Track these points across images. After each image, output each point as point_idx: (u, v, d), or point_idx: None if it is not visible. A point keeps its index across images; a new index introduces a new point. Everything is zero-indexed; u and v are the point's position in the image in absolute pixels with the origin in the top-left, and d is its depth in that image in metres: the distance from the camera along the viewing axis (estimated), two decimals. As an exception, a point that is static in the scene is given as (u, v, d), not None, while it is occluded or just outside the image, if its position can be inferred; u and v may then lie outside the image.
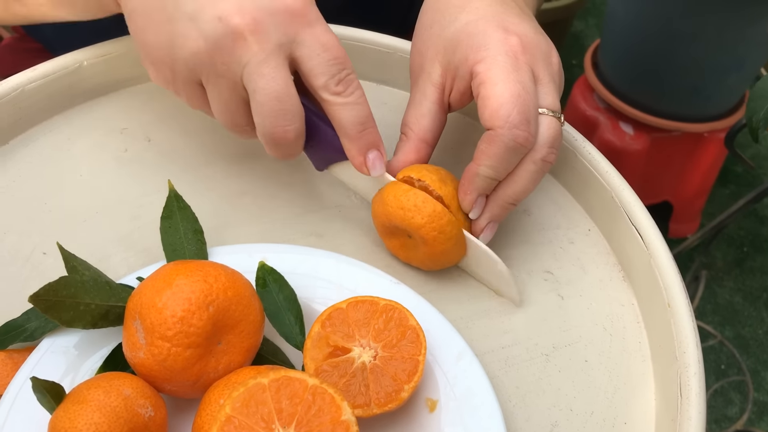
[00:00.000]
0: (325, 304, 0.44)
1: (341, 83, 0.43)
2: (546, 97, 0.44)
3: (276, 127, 0.43)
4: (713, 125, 1.32)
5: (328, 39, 0.43)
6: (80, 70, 0.53)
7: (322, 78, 0.43)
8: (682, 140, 1.35)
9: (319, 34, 0.43)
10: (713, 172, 1.41)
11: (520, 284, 0.49)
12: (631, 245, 0.48)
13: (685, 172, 1.41)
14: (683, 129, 1.32)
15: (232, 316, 0.38)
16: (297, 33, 0.42)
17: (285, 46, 0.42)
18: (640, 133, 1.33)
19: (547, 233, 0.51)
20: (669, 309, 0.44)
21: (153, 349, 0.37)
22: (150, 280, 0.38)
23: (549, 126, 0.43)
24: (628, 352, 0.46)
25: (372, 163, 0.45)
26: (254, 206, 0.51)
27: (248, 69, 0.41)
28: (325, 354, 0.40)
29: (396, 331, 0.41)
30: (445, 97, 0.47)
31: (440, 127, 0.47)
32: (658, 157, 1.37)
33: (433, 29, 0.47)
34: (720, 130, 1.33)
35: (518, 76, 0.42)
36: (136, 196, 0.51)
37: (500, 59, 0.42)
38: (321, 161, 0.49)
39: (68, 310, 0.39)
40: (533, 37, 0.44)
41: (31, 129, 0.54)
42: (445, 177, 0.46)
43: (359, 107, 0.44)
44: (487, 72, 0.42)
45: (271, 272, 0.44)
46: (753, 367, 1.34)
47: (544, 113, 0.43)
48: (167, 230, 0.45)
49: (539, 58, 0.44)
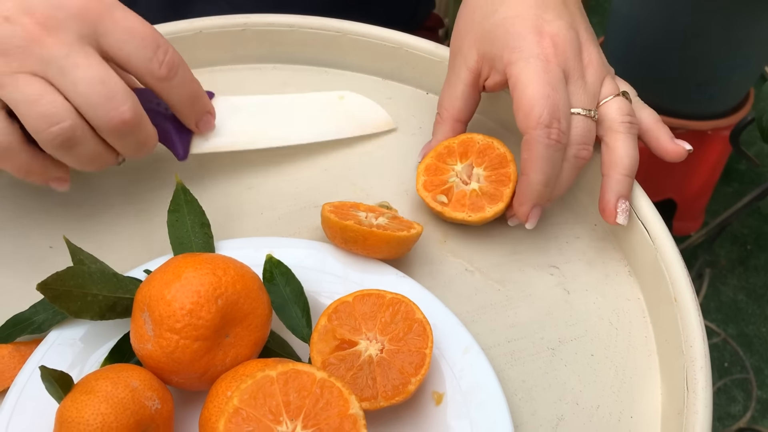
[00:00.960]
0: (331, 298, 0.44)
1: (163, 66, 0.43)
2: (575, 96, 0.46)
3: (110, 112, 0.40)
4: (717, 123, 1.32)
5: (132, 22, 0.42)
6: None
7: (140, 64, 0.42)
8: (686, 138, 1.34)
9: (119, 19, 0.41)
10: (717, 169, 1.41)
11: (526, 279, 0.49)
12: (638, 240, 0.48)
13: (689, 169, 1.41)
14: (687, 127, 1.31)
15: (240, 309, 0.38)
16: (96, 23, 0.40)
17: (88, 38, 0.40)
18: (644, 130, 1.33)
19: (553, 228, 0.51)
20: (675, 303, 0.44)
21: (161, 341, 0.37)
22: (159, 272, 0.39)
23: (578, 124, 0.45)
24: (634, 347, 0.46)
25: (205, 124, 0.49)
26: (260, 200, 0.52)
27: (55, 65, 0.39)
28: (332, 347, 0.40)
29: (403, 324, 0.41)
30: (480, 81, 0.50)
31: (473, 107, 0.51)
32: (662, 155, 1.37)
33: (475, 14, 0.49)
34: (724, 128, 1.33)
35: (549, 78, 0.44)
36: (142, 190, 0.51)
37: (532, 62, 0.44)
38: (180, 150, 0.49)
39: (76, 300, 0.39)
40: (565, 35, 0.46)
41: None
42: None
43: (188, 85, 0.45)
44: (519, 75, 0.44)
45: (278, 265, 0.44)
46: (756, 364, 1.34)
47: (574, 113, 0.45)
48: (174, 223, 0.45)
49: (570, 56, 0.46)
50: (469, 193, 0.48)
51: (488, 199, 0.48)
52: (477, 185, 0.48)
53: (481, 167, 0.49)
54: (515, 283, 0.48)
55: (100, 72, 0.40)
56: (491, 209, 0.47)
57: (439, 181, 0.49)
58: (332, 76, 0.61)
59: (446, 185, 0.49)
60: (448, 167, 0.49)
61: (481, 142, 0.49)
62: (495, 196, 0.48)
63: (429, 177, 0.49)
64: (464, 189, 0.48)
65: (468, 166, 0.49)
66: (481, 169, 0.49)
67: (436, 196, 0.48)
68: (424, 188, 0.49)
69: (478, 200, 0.48)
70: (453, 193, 0.48)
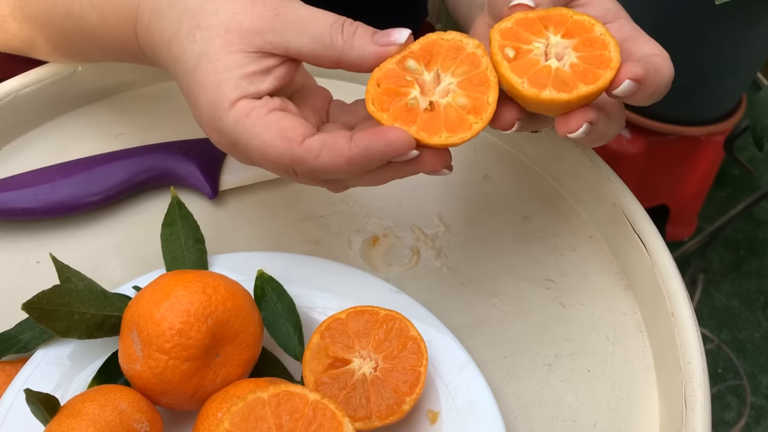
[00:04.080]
0: (324, 313, 0.44)
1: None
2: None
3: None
4: (710, 129, 1.32)
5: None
6: (74, 75, 0.52)
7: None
8: (679, 144, 1.35)
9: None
10: (710, 175, 1.41)
11: (521, 292, 0.48)
12: (634, 253, 0.47)
13: (682, 175, 1.40)
14: (680, 132, 1.31)
15: (231, 328, 0.37)
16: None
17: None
18: (636, 136, 1.33)
19: (548, 241, 0.51)
20: (673, 318, 0.43)
21: (150, 361, 0.36)
22: (148, 290, 0.38)
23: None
24: (631, 362, 0.46)
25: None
26: (251, 213, 0.51)
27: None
28: (325, 365, 0.39)
29: (397, 341, 0.40)
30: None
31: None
32: (655, 161, 1.37)
33: None
34: (717, 134, 1.33)
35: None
36: (132, 203, 0.50)
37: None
38: (209, 189, 0.50)
39: (62, 319, 0.38)
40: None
41: (24, 135, 0.53)
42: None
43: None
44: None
45: (269, 281, 0.43)
46: (750, 370, 1.34)
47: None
48: (168, 237, 0.44)
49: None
50: (543, 66, 0.36)
51: (556, 83, 0.36)
52: (557, 65, 0.37)
53: (577, 54, 0.37)
54: (511, 297, 0.48)
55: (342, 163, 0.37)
56: (550, 93, 0.36)
57: (523, 38, 0.37)
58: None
59: (526, 45, 0.37)
60: (544, 32, 0.38)
61: (599, 34, 0.37)
62: (566, 84, 0.36)
63: (516, 27, 0.38)
64: (540, 60, 0.37)
65: (565, 45, 0.37)
66: (575, 56, 0.37)
67: (505, 47, 0.37)
68: (501, 34, 0.37)
69: (544, 79, 0.36)
70: (526, 57, 0.37)
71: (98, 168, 0.48)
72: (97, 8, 0.42)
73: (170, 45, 0.38)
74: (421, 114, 0.36)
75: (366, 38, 0.37)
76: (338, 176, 0.36)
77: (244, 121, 0.35)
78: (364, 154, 0.34)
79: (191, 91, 0.37)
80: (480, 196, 0.53)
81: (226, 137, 0.37)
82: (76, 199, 0.48)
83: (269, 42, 0.36)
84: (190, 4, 0.38)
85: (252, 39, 0.36)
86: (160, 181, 0.50)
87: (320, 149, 0.35)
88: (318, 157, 0.35)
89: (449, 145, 0.36)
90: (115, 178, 0.49)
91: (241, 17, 0.37)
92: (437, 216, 0.52)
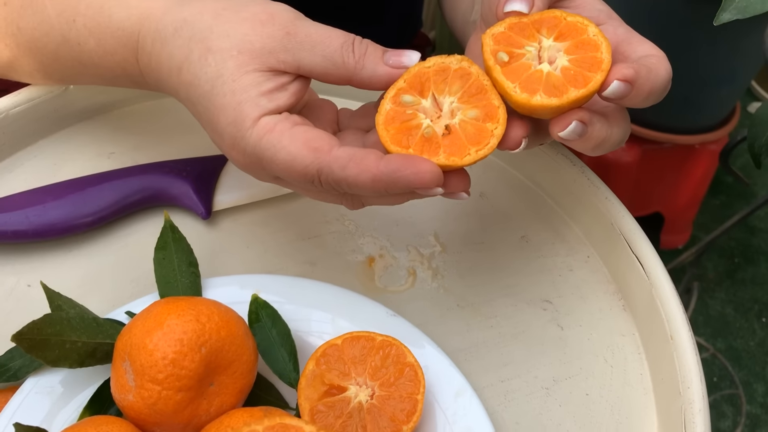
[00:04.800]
0: (320, 337, 0.43)
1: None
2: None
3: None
4: (705, 137, 1.32)
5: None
6: (66, 93, 0.51)
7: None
8: (673, 152, 1.35)
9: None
10: (704, 183, 1.41)
11: (519, 314, 0.48)
12: (632, 274, 0.47)
13: (677, 183, 1.40)
14: (674, 141, 1.31)
15: (225, 356, 0.37)
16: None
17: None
18: (631, 144, 1.33)
19: (545, 261, 0.50)
20: (671, 341, 0.43)
21: (143, 392, 0.35)
22: (140, 319, 0.37)
23: None
24: (629, 385, 0.45)
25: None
26: (246, 233, 0.50)
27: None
28: (321, 393, 0.39)
29: (393, 368, 0.39)
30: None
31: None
32: (650, 169, 1.37)
33: None
34: (711, 142, 1.33)
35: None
36: (125, 224, 0.49)
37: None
38: (203, 209, 0.49)
39: (53, 348, 0.37)
40: None
41: (15, 154, 0.52)
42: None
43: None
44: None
45: (264, 306, 0.42)
46: (745, 379, 1.34)
47: None
48: (161, 262, 0.43)
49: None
50: (535, 71, 0.36)
51: (547, 88, 0.36)
52: (548, 69, 0.36)
53: (568, 57, 0.37)
54: (508, 318, 0.47)
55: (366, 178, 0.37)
56: (540, 98, 0.35)
57: (516, 42, 0.37)
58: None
59: (519, 50, 0.37)
60: (537, 36, 0.37)
61: (592, 36, 0.37)
62: (558, 88, 0.36)
63: (508, 32, 0.37)
64: (532, 64, 0.36)
65: (557, 48, 0.37)
66: (566, 59, 0.36)
67: (498, 51, 0.37)
68: (493, 39, 0.37)
69: (536, 83, 0.36)
70: (518, 61, 0.37)
71: (90, 189, 0.48)
72: (95, 35, 0.42)
73: (180, 70, 0.38)
74: (442, 140, 0.36)
75: (377, 58, 0.37)
76: (361, 191, 0.36)
77: (269, 135, 0.35)
78: (392, 176, 0.34)
79: (210, 114, 0.37)
80: (477, 215, 0.53)
81: (249, 156, 0.37)
82: (68, 221, 0.47)
83: (282, 61, 0.37)
84: (198, 28, 0.37)
85: (265, 58, 0.36)
86: (153, 201, 0.49)
87: (348, 160, 0.34)
88: (345, 168, 0.34)
89: (481, 158, 0.35)
90: (107, 199, 0.48)
91: (252, 38, 0.37)
92: (433, 235, 0.51)
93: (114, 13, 0.41)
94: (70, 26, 0.42)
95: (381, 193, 0.35)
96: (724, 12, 0.42)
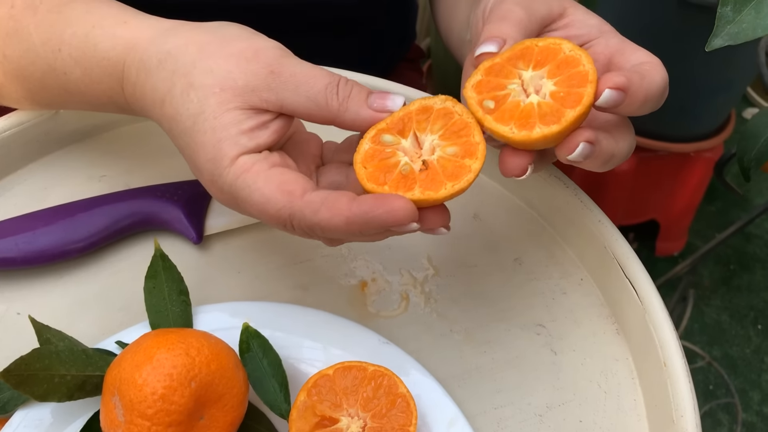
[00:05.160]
0: (312, 365, 0.43)
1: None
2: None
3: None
4: (700, 145, 1.32)
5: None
6: (56, 116, 0.51)
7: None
8: (668, 160, 1.35)
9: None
10: (700, 190, 1.41)
11: (512, 339, 0.47)
12: (625, 298, 0.47)
13: (672, 191, 1.40)
14: (670, 149, 1.31)
15: (215, 390, 0.37)
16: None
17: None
18: (627, 153, 1.33)
19: (539, 284, 0.50)
20: (665, 368, 0.43)
21: (132, 427, 0.35)
22: (129, 352, 0.37)
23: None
24: (623, 411, 0.45)
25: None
26: (237, 258, 0.50)
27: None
28: (312, 425, 0.39)
29: (385, 399, 0.39)
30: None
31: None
32: (646, 177, 1.37)
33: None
34: (707, 150, 1.33)
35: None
36: (115, 249, 0.49)
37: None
38: (194, 234, 0.49)
39: (42, 383, 0.37)
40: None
41: (5, 178, 0.52)
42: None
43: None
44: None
45: (255, 336, 0.42)
46: (741, 387, 1.34)
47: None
48: (151, 291, 0.43)
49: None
50: (524, 107, 0.36)
51: (543, 118, 0.36)
52: (538, 99, 0.36)
53: (552, 81, 0.37)
54: (501, 344, 0.47)
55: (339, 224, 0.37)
56: (540, 130, 0.35)
57: (497, 84, 0.37)
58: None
59: (503, 91, 0.37)
60: (515, 71, 0.37)
61: (569, 52, 0.37)
62: (553, 115, 0.35)
63: (487, 78, 0.37)
64: (520, 100, 0.37)
65: (539, 76, 0.37)
66: (552, 83, 0.36)
67: (483, 100, 0.37)
68: (474, 90, 0.37)
69: (531, 117, 0.36)
70: (506, 102, 0.37)
71: (80, 215, 0.48)
72: (81, 64, 0.41)
73: (163, 103, 0.37)
74: (419, 176, 0.35)
75: (361, 101, 0.37)
76: (335, 235, 0.35)
77: (245, 175, 0.35)
78: (364, 217, 0.34)
79: (190, 150, 0.37)
80: (470, 237, 0.53)
81: (226, 194, 0.37)
82: (58, 247, 0.47)
83: (265, 100, 0.36)
84: (181, 62, 0.37)
85: (247, 96, 0.36)
86: (144, 226, 0.49)
87: (320, 205, 0.34)
88: (317, 212, 0.34)
89: (457, 192, 0.35)
90: (97, 225, 0.48)
91: (236, 75, 0.36)
92: (426, 258, 0.51)
93: (99, 42, 0.40)
94: (56, 55, 0.42)
95: (357, 234, 0.35)
96: (716, 38, 0.41)
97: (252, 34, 0.39)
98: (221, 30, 0.39)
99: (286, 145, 0.40)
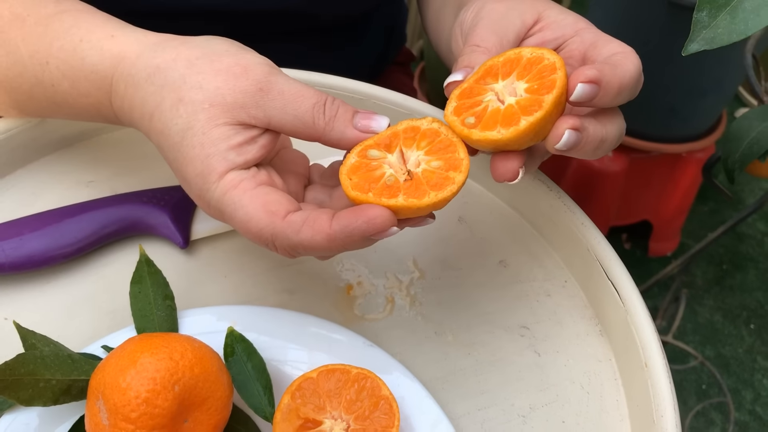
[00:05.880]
0: (296, 368, 0.43)
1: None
2: None
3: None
4: (691, 146, 1.32)
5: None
6: (44, 123, 0.51)
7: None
8: (660, 161, 1.36)
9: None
10: (692, 191, 1.42)
11: (496, 341, 0.48)
12: (608, 300, 0.47)
13: (664, 192, 1.41)
14: (661, 150, 1.32)
15: (199, 393, 0.37)
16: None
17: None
18: (618, 154, 1.33)
19: (523, 286, 0.51)
20: (646, 369, 0.43)
21: (116, 431, 0.36)
22: (114, 357, 0.37)
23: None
24: (606, 411, 0.45)
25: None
26: (223, 262, 0.50)
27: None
28: (296, 427, 0.39)
29: (368, 401, 0.40)
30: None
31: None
32: (637, 178, 1.37)
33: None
34: (698, 150, 1.34)
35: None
36: (102, 254, 0.50)
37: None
38: (180, 239, 0.49)
39: (27, 388, 0.37)
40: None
41: (-7, 184, 0.52)
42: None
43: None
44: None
45: (239, 340, 0.43)
46: (734, 386, 1.34)
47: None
48: (137, 296, 0.44)
49: None
50: (504, 109, 0.38)
51: (524, 110, 0.37)
52: (514, 99, 0.38)
53: (523, 80, 0.38)
54: (485, 345, 0.48)
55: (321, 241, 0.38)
56: (526, 120, 0.36)
57: (473, 102, 0.39)
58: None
59: (480, 106, 0.39)
60: (486, 88, 0.39)
61: (530, 55, 0.39)
62: (532, 105, 0.37)
63: (461, 101, 0.39)
64: (498, 106, 0.38)
65: (510, 83, 0.39)
66: (523, 82, 0.38)
67: (465, 119, 0.38)
68: (454, 113, 0.39)
69: (513, 114, 0.37)
70: (486, 113, 0.38)
71: (67, 220, 0.48)
72: (69, 77, 0.42)
73: (152, 117, 0.38)
74: (403, 185, 0.36)
75: (346, 120, 0.38)
76: (319, 253, 0.36)
77: (231, 192, 0.36)
78: (345, 232, 0.34)
79: (179, 164, 0.38)
80: (455, 239, 0.53)
81: (213, 208, 0.37)
82: (45, 252, 0.47)
83: (253, 116, 0.37)
84: (171, 77, 0.38)
85: (236, 113, 0.37)
86: (130, 231, 0.49)
87: (301, 225, 0.35)
88: (299, 232, 0.35)
89: (440, 201, 0.36)
90: (85, 230, 0.48)
91: (225, 91, 0.37)
92: (412, 261, 0.51)
93: (87, 56, 0.41)
94: (44, 68, 0.42)
95: (341, 249, 0.35)
96: (692, 43, 0.42)
97: (239, 49, 0.39)
98: (209, 45, 0.39)
99: (274, 160, 0.41)
